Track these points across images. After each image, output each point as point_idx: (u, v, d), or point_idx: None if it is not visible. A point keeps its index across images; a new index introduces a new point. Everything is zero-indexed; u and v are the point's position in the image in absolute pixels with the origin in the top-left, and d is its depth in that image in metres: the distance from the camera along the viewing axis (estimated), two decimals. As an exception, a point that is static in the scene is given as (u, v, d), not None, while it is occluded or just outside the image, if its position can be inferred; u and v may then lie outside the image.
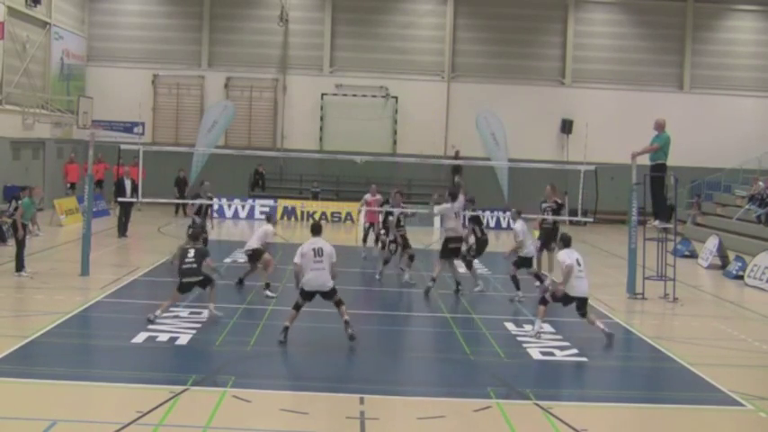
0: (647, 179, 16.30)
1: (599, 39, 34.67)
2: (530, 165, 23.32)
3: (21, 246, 16.07)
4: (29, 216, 16.87)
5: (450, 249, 15.69)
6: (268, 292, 14.74)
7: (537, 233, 18.25)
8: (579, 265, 11.97)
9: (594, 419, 8.81)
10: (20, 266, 15.97)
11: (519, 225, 15.55)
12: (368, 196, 19.89)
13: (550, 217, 17.59)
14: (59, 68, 31.41)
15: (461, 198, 15.96)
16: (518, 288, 15.28)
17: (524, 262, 15.48)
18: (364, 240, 20.31)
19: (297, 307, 11.47)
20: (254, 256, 15.19)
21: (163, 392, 8.83)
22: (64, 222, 24.84)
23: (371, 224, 19.77)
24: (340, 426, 8.38)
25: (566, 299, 12.08)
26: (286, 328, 11.34)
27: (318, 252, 11.31)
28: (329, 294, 11.47)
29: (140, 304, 13.57)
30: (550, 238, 17.54)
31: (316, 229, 11.77)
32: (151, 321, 11.98)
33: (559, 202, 17.90)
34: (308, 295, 11.42)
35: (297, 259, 11.35)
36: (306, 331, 12.98)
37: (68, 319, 12.43)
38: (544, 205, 17.82)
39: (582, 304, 12.07)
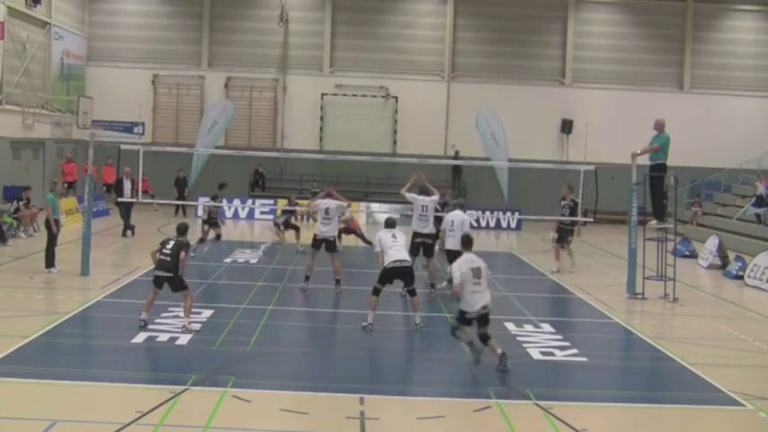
0: (647, 179, 16.33)
1: (599, 39, 34.66)
2: (530, 165, 23.32)
3: (52, 242, 16.19)
4: (58, 210, 17.05)
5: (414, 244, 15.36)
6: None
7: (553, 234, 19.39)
8: None
9: (594, 419, 8.82)
10: (50, 263, 16.12)
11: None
12: (349, 215, 20.54)
13: (567, 218, 18.59)
14: (59, 68, 31.40)
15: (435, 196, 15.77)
16: None
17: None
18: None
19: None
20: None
21: (163, 392, 8.83)
22: (64, 222, 24.77)
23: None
24: (340, 426, 8.38)
25: None
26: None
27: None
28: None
29: (140, 304, 13.47)
30: (567, 235, 18.89)
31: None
32: (142, 327, 11.63)
33: (576, 200, 18.53)
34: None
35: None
36: (306, 331, 13.02)
37: (68, 319, 12.44)
38: (563, 202, 18.77)
39: None
